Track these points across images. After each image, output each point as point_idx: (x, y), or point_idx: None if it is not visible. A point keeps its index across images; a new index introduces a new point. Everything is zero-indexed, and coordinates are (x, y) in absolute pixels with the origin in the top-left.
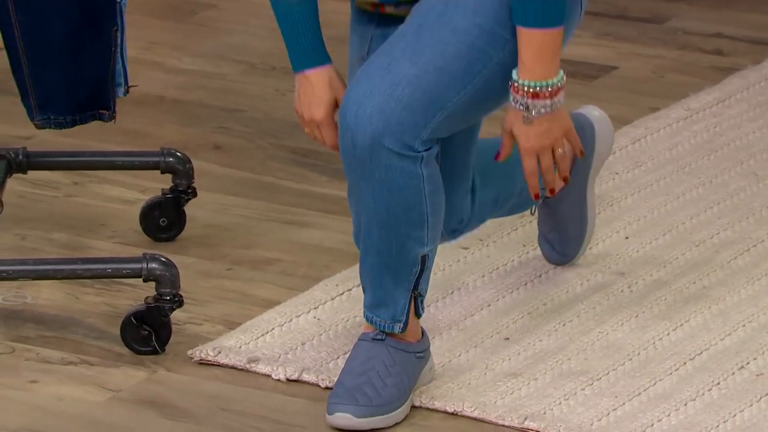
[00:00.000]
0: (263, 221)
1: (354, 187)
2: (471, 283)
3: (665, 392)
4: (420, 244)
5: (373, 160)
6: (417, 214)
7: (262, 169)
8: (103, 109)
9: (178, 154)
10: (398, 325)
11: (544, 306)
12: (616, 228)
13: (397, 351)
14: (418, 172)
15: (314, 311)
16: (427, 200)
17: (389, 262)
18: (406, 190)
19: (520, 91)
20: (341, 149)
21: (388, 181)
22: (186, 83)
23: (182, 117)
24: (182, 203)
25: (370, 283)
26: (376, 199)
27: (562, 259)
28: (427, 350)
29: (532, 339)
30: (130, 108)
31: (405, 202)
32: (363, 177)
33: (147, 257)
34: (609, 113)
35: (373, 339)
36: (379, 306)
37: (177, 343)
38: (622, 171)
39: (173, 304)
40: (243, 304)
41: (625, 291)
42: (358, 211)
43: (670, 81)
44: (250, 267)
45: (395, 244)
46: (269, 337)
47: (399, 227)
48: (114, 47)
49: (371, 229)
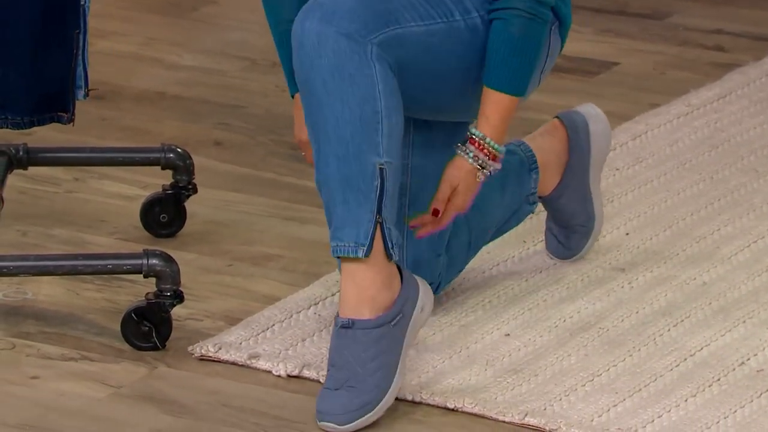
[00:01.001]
0: (264, 217)
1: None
2: (471, 279)
3: (665, 388)
4: (375, 151)
5: (321, 44)
6: (371, 109)
7: (263, 165)
8: (62, 112)
9: (179, 150)
10: (361, 249)
11: (544, 302)
12: (617, 224)
13: (367, 333)
14: (370, 62)
15: (315, 307)
16: (381, 97)
17: (348, 172)
18: (358, 79)
19: (484, 149)
20: (294, 66)
21: (338, 66)
22: (186, 79)
23: (183, 113)
24: (183, 199)
25: (332, 203)
26: (328, 90)
27: (567, 253)
28: (405, 305)
29: (532, 335)
30: (131, 104)
31: (359, 91)
32: (312, 68)
33: (147, 253)
34: (609, 109)
35: (342, 327)
36: (342, 227)
37: (177, 339)
38: (623, 167)
39: (174, 300)
40: (243, 300)
41: (625, 287)
42: (316, 127)
43: (671, 77)
44: (250, 263)
45: (353, 147)
46: (270, 333)
47: (354, 122)
48: (76, 50)
49: (327, 133)
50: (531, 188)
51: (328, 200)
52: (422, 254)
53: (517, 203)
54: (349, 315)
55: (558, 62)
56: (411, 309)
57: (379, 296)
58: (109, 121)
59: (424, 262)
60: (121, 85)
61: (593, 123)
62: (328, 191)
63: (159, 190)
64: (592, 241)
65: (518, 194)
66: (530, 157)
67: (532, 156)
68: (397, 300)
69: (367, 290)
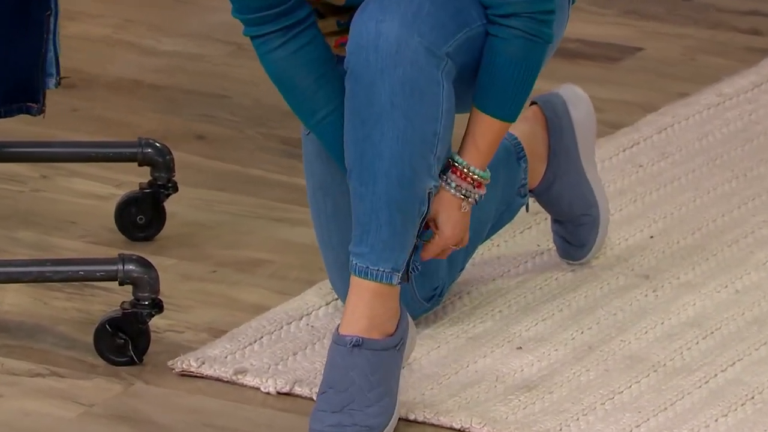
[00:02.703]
0: (251, 219)
1: (363, 105)
2: (479, 288)
3: (694, 407)
4: (429, 173)
5: (399, 53)
6: (431, 131)
7: (251, 162)
8: (32, 102)
9: (157, 144)
10: (396, 276)
11: (560, 312)
12: (640, 226)
13: (376, 354)
14: (440, 79)
15: (307, 318)
16: (442, 118)
17: (400, 196)
18: (427, 97)
19: (466, 178)
20: (352, 67)
21: (411, 81)
22: (166, 66)
23: (162, 104)
24: (162, 199)
25: (375, 221)
26: (395, 103)
27: (579, 252)
28: (405, 332)
29: (547, 348)
30: (104, 94)
31: (424, 110)
32: (382, 76)
33: (123, 258)
34: (632, 99)
35: (352, 346)
36: (383, 250)
37: (156, 353)
38: (647, 163)
39: (152, 310)
40: (229, 309)
41: (649, 295)
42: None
43: (701, 63)
44: (236, 269)
45: (408, 169)
46: (258, 347)
47: (414, 142)
48: (46, 33)
49: (381, 150)
50: (521, 179)
51: (367, 216)
52: (427, 262)
53: (510, 195)
54: (358, 334)
55: (576, 47)
56: (406, 337)
57: (388, 321)
58: (80, 112)
59: (430, 269)
60: (93, 72)
61: (573, 106)
62: (370, 207)
63: (135, 188)
64: (603, 231)
65: (509, 186)
66: (516, 145)
67: (518, 144)
68: (399, 325)
69: (381, 315)
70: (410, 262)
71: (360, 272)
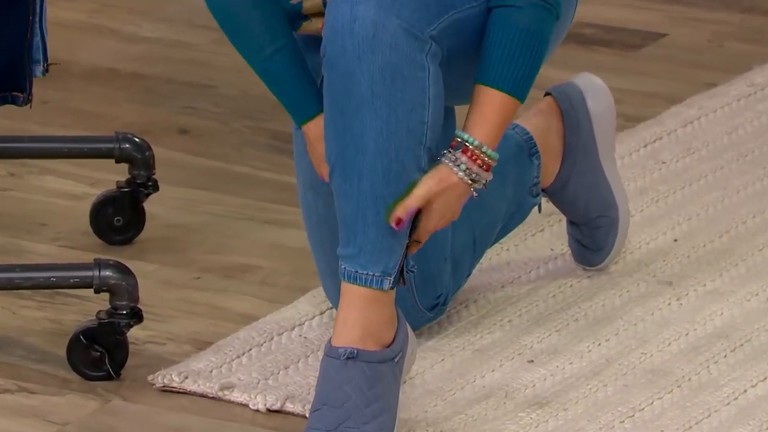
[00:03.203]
0: (238, 220)
1: (342, 95)
2: (487, 295)
3: (721, 426)
4: (418, 166)
5: (377, 37)
6: (418, 119)
7: (237, 158)
8: (17, 91)
9: (136, 139)
10: (387, 280)
11: (575, 322)
12: (663, 228)
13: (372, 367)
14: (425, 63)
15: (300, 328)
16: (429, 105)
17: (386, 191)
18: (411, 83)
19: (478, 159)
20: (328, 54)
21: (392, 66)
22: (146, 54)
23: (141, 95)
24: (141, 198)
25: (361, 221)
26: (375, 92)
27: (597, 257)
28: (404, 343)
29: (560, 362)
30: (79, 84)
31: (408, 98)
32: (360, 63)
33: (99, 264)
34: (655, 90)
35: (346, 358)
36: (372, 252)
37: (135, 367)
38: (671, 160)
39: (131, 320)
40: (214, 319)
41: (673, 304)
42: (346, 133)
43: (731, 51)
44: (222, 275)
45: (395, 162)
46: (246, 360)
47: (400, 133)
48: (32, 16)
49: (363, 142)
50: (534, 177)
51: (353, 216)
52: (429, 264)
53: (521, 195)
54: (352, 345)
55: (593, 33)
56: (405, 349)
57: (384, 330)
58: (52, 104)
59: (432, 274)
60: (67, 60)
61: (591, 98)
62: (356, 206)
63: (112, 187)
64: (623, 235)
65: (520, 184)
66: (528, 140)
67: (531, 139)
68: (397, 336)
69: (376, 323)
70: (404, 264)
71: (349, 277)
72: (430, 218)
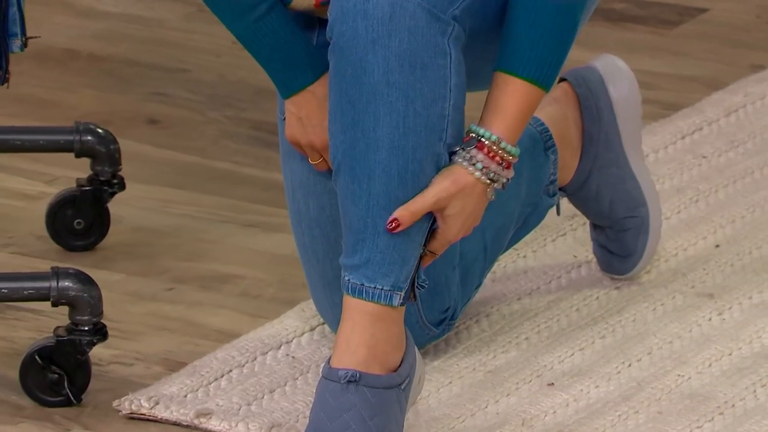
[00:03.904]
0: (217, 223)
1: (352, 85)
2: (501, 309)
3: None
4: (437, 166)
5: (395, 19)
6: (438, 112)
7: (216, 152)
8: None
9: (99, 130)
10: (398, 295)
11: (602, 340)
12: (703, 233)
13: (376, 393)
14: (447, 48)
15: (287, 346)
16: (451, 97)
17: (402, 194)
18: (431, 71)
19: (495, 156)
20: (336, 38)
21: (410, 52)
22: (108, 32)
23: (102, 79)
24: (105, 198)
25: (370, 227)
26: (391, 81)
27: (626, 264)
28: (412, 368)
29: (585, 385)
30: (31, 67)
31: (428, 89)
32: (374, 48)
33: (57, 273)
34: (694, 73)
35: (347, 382)
36: (381, 264)
37: (98, 391)
38: (712, 154)
39: (93, 337)
40: (189, 336)
41: (714, 319)
42: (356, 126)
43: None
44: (198, 286)
45: (412, 162)
46: (225, 383)
47: (417, 128)
48: None
49: (377, 137)
50: (550, 173)
51: (361, 221)
52: (435, 273)
53: (536, 194)
54: (355, 367)
55: (624, 8)
56: (413, 375)
57: (391, 352)
58: (0, 90)
59: (439, 285)
60: None
61: (612, 82)
62: (365, 210)
63: (72, 185)
64: (655, 238)
65: (536, 182)
66: (543, 132)
67: (546, 130)
68: (405, 360)
69: (383, 344)
70: (416, 278)
71: (354, 290)
72: (449, 226)
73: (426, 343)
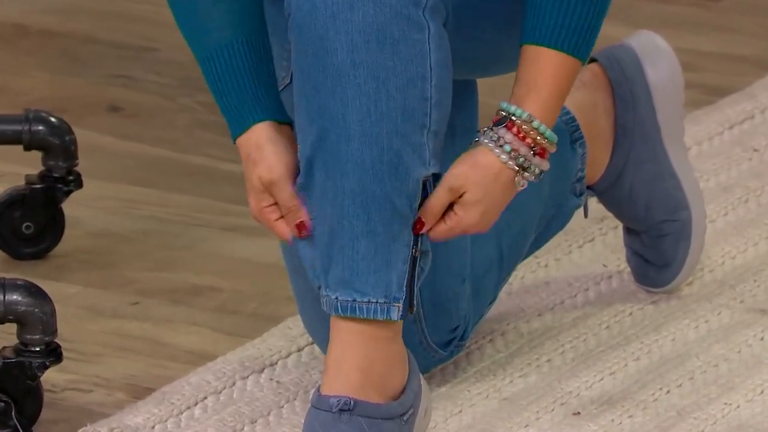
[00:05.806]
0: (189, 227)
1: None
2: (519, 327)
3: None
4: (420, 157)
5: None
6: (417, 94)
7: (189, 144)
8: None
9: (52, 119)
10: (396, 307)
11: (635, 362)
12: (754, 238)
13: (374, 424)
14: (422, 20)
15: (271, 370)
16: (432, 75)
17: (379, 190)
18: (404, 47)
19: (526, 138)
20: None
21: (378, 26)
22: (62, 5)
23: (57, 60)
24: (59, 198)
25: (347, 234)
26: (357, 60)
27: (664, 275)
28: (417, 396)
29: (617, 414)
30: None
31: (402, 67)
32: (335, 23)
33: (3, 285)
34: (743, 53)
35: (339, 410)
36: (366, 273)
37: (51, 422)
38: (765, 147)
39: (46, 359)
40: (156, 359)
41: (766, 338)
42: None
43: None
44: (168, 300)
45: (387, 151)
46: (199, 411)
47: (391, 116)
48: None
49: (347, 127)
50: (578, 170)
51: (337, 230)
52: (442, 285)
53: (561, 194)
54: (348, 394)
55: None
56: (417, 405)
57: (390, 376)
58: None
59: (446, 299)
60: None
61: (651, 64)
62: (339, 217)
63: (21, 183)
64: (698, 246)
65: (560, 180)
66: (569, 121)
67: (572, 120)
68: (408, 387)
69: (380, 366)
70: (413, 284)
71: (345, 309)
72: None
73: (431, 367)
